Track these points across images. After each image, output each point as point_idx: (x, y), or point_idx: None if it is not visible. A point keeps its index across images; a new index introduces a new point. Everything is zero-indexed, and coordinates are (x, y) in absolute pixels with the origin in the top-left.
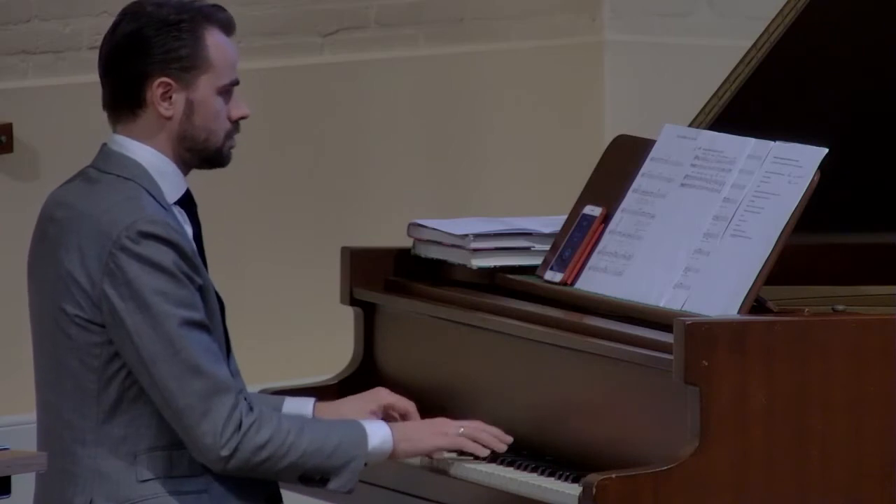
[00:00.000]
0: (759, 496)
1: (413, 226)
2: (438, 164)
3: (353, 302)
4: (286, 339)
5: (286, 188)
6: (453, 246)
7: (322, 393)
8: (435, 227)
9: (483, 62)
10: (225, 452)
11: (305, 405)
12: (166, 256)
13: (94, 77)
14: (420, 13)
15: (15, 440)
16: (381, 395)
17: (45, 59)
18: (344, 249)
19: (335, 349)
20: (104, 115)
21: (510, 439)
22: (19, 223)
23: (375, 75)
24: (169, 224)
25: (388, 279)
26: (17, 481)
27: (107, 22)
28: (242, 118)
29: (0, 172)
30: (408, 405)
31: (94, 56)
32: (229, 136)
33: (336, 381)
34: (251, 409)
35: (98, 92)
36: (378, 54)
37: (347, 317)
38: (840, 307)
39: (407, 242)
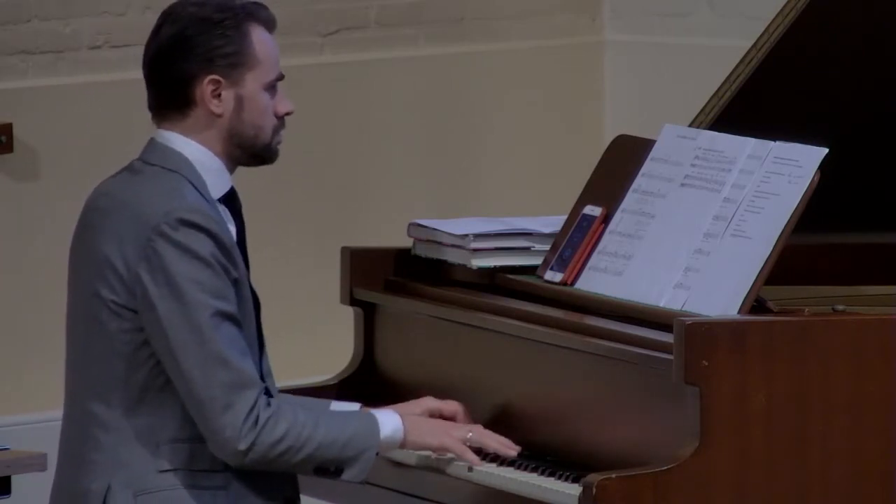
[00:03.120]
0: (759, 496)
1: (413, 226)
2: (438, 164)
3: (353, 302)
4: (286, 339)
5: (286, 188)
6: (453, 246)
7: (322, 393)
8: (435, 227)
9: (483, 62)
10: (242, 446)
11: (351, 409)
12: (204, 245)
13: (94, 77)
14: (420, 13)
15: (15, 440)
16: (427, 401)
17: (45, 59)
18: (344, 249)
19: (335, 349)
20: (103, 116)
21: (518, 448)
22: (19, 223)
23: (375, 75)
24: (209, 214)
25: (388, 279)
26: (17, 481)
27: (107, 22)
28: (288, 114)
29: (0, 172)
30: (456, 407)
31: (95, 56)
32: (276, 131)
33: (336, 381)
34: (269, 403)
35: (98, 92)
36: (378, 54)
37: (347, 317)
38: (840, 307)
39: (407, 242)
